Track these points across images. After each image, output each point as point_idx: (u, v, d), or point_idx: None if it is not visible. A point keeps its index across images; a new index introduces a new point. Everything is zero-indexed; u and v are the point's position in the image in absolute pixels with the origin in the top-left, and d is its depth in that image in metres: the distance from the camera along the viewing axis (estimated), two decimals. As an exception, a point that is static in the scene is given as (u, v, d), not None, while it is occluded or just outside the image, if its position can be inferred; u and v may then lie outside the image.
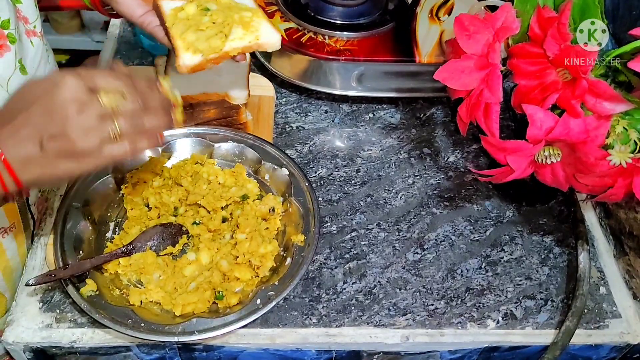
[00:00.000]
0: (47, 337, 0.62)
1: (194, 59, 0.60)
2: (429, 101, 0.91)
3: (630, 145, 0.56)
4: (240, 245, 0.65)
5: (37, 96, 0.47)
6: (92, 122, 0.47)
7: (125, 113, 0.49)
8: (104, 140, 0.48)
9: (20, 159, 0.47)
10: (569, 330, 0.65)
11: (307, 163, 0.82)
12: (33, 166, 0.47)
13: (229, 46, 0.61)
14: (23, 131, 0.46)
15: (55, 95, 0.46)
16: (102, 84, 0.48)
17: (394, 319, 0.66)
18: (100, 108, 0.47)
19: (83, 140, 0.47)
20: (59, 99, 0.46)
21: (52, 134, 0.46)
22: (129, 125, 0.49)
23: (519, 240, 0.75)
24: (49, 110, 0.46)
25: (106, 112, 0.48)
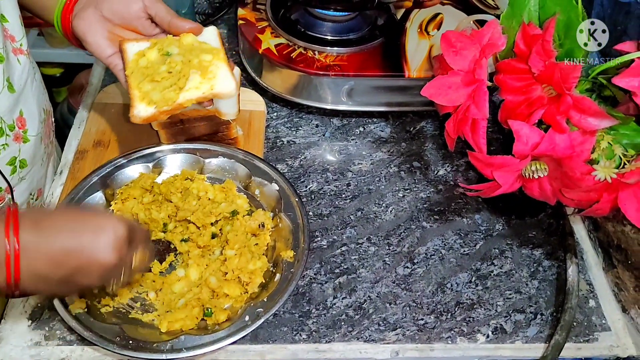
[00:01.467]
0: (36, 355, 0.62)
1: (148, 110, 0.61)
2: (419, 115, 0.91)
3: (615, 161, 0.56)
4: (230, 262, 0.65)
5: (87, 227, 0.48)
6: (117, 273, 0.52)
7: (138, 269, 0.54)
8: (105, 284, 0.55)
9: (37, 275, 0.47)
10: (558, 344, 0.65)
11: (298, 177, 0.82)
12: (42, 283, 0.49)
13: (183, 98, 0.61)
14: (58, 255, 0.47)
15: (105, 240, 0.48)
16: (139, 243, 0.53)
17: (384, 334, 0.67)
18: (129, 265, 0.53)
19: (99, 281, 0.51)
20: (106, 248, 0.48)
21: (81, 271, 0.48)
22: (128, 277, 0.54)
23: (509, 254, 0.75)
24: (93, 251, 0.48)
25: (127, 270, 0.53)
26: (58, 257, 0.47)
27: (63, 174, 0.79)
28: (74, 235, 0.48)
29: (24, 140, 0.66)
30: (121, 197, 0.72)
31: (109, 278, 0.52)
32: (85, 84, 0.94)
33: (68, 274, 0.48)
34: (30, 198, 0.71)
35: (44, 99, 0.72)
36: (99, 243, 0.48)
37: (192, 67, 0.62)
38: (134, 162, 0.75)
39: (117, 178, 0.74)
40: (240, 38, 0.90)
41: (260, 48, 0.85)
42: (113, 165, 0.74)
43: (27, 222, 0.47)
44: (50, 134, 0.78)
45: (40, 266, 0.47)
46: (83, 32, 0.63)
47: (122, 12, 0.63)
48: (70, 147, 0.82)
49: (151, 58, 0.63)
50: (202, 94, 0.62)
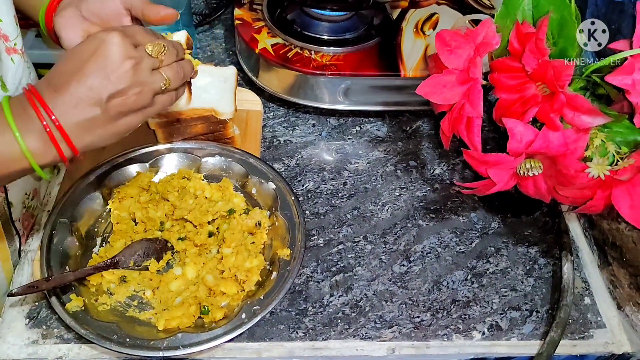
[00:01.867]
0: (34, 353, 0.62)
1: None
2: (415, 114, 0.92)
3: (609, 158, 0.56)
4: (226, 260, 0.66)
5: (87, 56, 0.49)
6: (147, 76, 0.51)
7: (167, 63, 0.53)
8: (157, 92, 0.52)
9: (82, 123, 0.49)
10: (554, 341, 0.66)
11: (295, 176, 0.82)
12: (95, 128, 0.50)
13: None
14: (80, 94, 0.48)
15: (107, 54, 0.49)
16: (140, 38, 0.52)
17: (380, 332, 0.67)
18: (151, 61, 0.51)
19: (142, 95, 0.50)
20: (112, 57, 0.49)
21: (111, 94, 0.48)
22: (174, 75, 0.53)
23: (505, 252, 0.75)
24: (104, 69, 0.48)
25: (155, 64, 0.52)
26: (85, 97, 0.48)
27: (60, 174, 0.79)
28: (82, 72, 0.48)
29: None
30: (118, 196, 0.73)
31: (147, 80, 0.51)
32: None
33: (108, 105, 0.49)
34: (25, 197, 0.71)
35: (40, 99, 0.73)
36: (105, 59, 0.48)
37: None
38: (131, 161, 0.75)
39: (114, 177, 0.74)
40: (237, 38, 0.90)
41: (256, 48, 0.85)
42: (110, 165, 0.74)
43: (46, 89, 0.49)
44: None
45: (78, 114, 0.48)
46: (60, 29, 0.63)
47: (99, 11, 0.63)
48: (68, 146, 0.82)
49: None
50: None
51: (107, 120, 0.50)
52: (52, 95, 0.49)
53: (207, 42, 1.02)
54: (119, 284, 0.66)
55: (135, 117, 0.52)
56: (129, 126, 0.52)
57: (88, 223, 0.72)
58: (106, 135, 0.51)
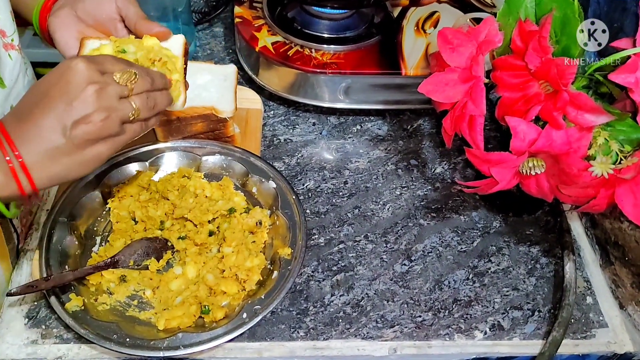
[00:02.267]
0: (33, 353, 0.62)
1: None
2: (416, 113, 0.91)
3: (612, 157, 0.56)
4: (227, 259, 0.65)
5: (52, 84, 0.48)
6: (113, 102, 0.48)
7: (139, 91, 0.51)
8: (124, 120, 0.49)
9: (47, 153, 0.47)
10: (556, 341, 0.65)
11: (295, 175, 0.82)
12: (61, 158, 0.47)
13: None
14: (44, 123, 0.46)
15: (70, 79, 0.47)
16: (109, 67, 0.50)
17: (382, 331, 0.66)
18: (118, 87, 0.49)
19: (108, 122, 0.48)
20: (75, 82, 0.47)
21: (75, 120, 0.47)
22: (144, 104, 0.51)
23: (506, 251, 0.75)
24: (67, 95, 0.47)
25: (123, 92, 0.49)
26: (47, 124, 0.46)
27: (59, 173, 0.78)
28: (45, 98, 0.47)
29: None
30: (118, 195, 0.72)
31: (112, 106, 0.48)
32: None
33: (72, 132, 0.47)
34: (21, 198, 0.71)
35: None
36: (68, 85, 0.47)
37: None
38: (131, 159, 0.75)
39: (114, 176, 0.74)
40: (237, 36, 0.90)
41: (256, 46, 0.85)
42: (109, 164, 0.74)
43: (11, 120, 0.47)
44: None
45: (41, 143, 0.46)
46: (54, 30, 0.63)
47: (94, 13, 0.62)
48: (67, 145, 0.81)
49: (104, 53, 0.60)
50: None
51: (72, 149, 0.47)
52: (17, 126, 0.47)
53: (207, 41, 1.02)
54: (118, 283, 0.65)
55: (104, 146, 0.49)
56: (98, 156, 0.49)
57: (87, 222, 0.71)
58: (73, 166, 0.48)
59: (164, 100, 0.55)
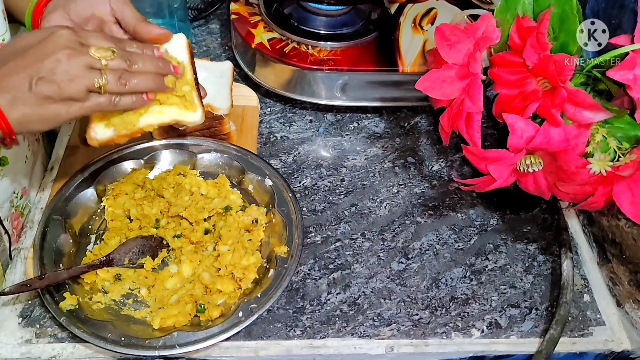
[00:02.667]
0: (27, 353, 0.61)
1: (106, 132, 0.58)
2: (413, 110, 0.91)
3: (610, 154, 0.56)
4: (223, 257, 0.65)
5: (30, 44, 0.51)
6: (80, 70, 0.51)
7: (112, 68, 0.53)
8: (89, 88, 0.52)
9: (9, 99, 0.50)
10: (553, 339, 0.65)
11: (292, 173, 0.81)
12: (21, 105, 0.50)
13: (144, 122, 0.58)
14: (14, 74, 0.50)
15: (48, 42, 0.51)
16: (93, 41, 0.53)
17: (379, 330, 0.66)
18: (89, 59, 0.52)
19: (69, 85, 0.50)
20: (51, 45, 0.51)
21: (40, 76, 0.50)
22: (114, 79, 0.53)
23: (503, 249, 0.75)
24: (40, 55, 0.50)
25: (94, 63, 0.52)
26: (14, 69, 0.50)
27: (54, 170, 0.78)
28: (22, 52, 0.51)
29: None
30: (113, 193, 0.72)
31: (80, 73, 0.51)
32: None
33: (36, 85, 0.50)
34: (14, 196, 0.70)
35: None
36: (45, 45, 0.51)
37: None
38: (126, 157, 0.74)
39: (109, 174, 0.73)
40: (233, 33, 0.89)
41: (253, 43, 0.84)
42: (104, 161, 0.73)
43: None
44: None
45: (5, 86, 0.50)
46: None
47: (88, 15, 0.61)
48: (61, 142, 0.81)
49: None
50: (165, 119, 0.59)
51: (34, 101, 0.50)
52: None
53: (203, 37, 1.01)
54: (113, 282, 0.65)
55: (64, 107, 0.52)
56: (56, 115, 0.52)
57: (82, 220, 0.71)
58: (34, 117, 0.51)
59: (145, 82, 0.56)
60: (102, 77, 0.52)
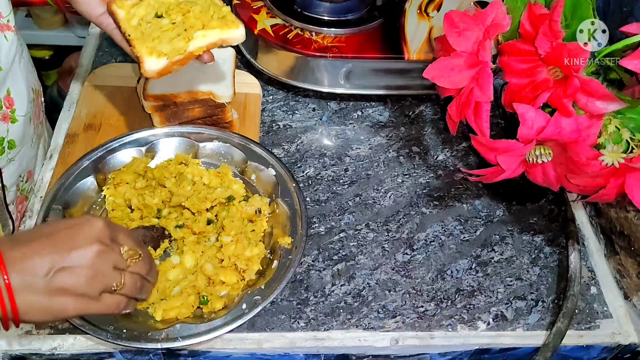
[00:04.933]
0: (27, 345, 0.61)
1: (159, 63, 0.57)
2: (418, 99, 0.89)
3: (623, 145, 0.55)
4: (226, 248, 0.64)
5: (64, 226, 0.48)
6: (107, 268, 0.48)
7: (134, 271, 0.51)
8: (106, 289, 0.48)
9: (22, 283, 0.44)
10: (560, 332, 0.64)
11: (295, 162, 0.80)
12: (29, 293, 0.45)
13: (193, 46, 0.58)
14: (36, 256, 0.45)
15: (81, 232, 0.47)
16: (123, 240, 0.50)
17: (383, 322, 0.65)
18: (119, 259, 0.49)
19: (90, 282, 0.47)
20: (84, 235, 0.47)
21: (63, 266, 0.45)
22: (133, 282, 0.50)
23: (510, 240, 0.74)
24: (70, 243, 0.46)
25: (120, 264, 0.49)
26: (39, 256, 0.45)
27: (53, 158, 0.76)
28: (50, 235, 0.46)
29: (12, 120, 0.64)
30: (113, 182, 0.70)
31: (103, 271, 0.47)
32: (75, 66, 0.92)
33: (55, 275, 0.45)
34: (20, 180, 0.69)
35: (32, 78, 0.70)
36: (77, 234, 0.47)
37: (194, 19, 0.59)
38: (127, 145, 0.73)
39: (109, 162, 0.72)
40: (235, 19, 0.88)
41: (255, 29, 0.82)
42: (105, 149, 0.72)
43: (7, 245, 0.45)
44: (40, 115, 0.76)
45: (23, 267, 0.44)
46: None
47: None
48: (61, 130, 0.79)
49: (141, 14, 0.59)
50: (212, 39, 0.59)
51: (45, 289, 0.45)
52: (11, 247, 0.45)
53: (204, 23, 0.99)
54: None
55: (73, 303, 0.46)
56: (62, 309, 0.47)
57: (82, 209, 0.69)
58: (37, 306, 0.45)
59: (147, 291, 0.54)
60: (121, 279, 0.49)
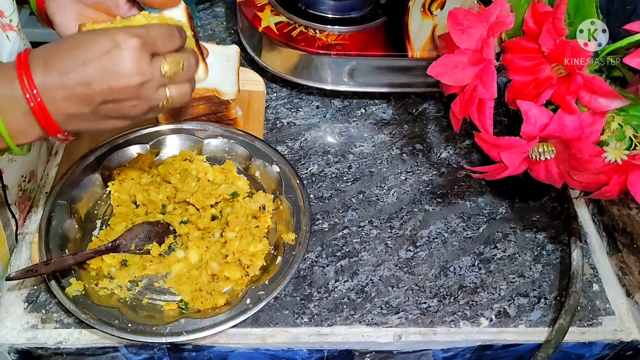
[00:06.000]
0: (33, 338, 0.61)
1: None
2: (421, 96, 0.90)
3: (626, 142, 0.55)
4: (230, 244, 0.64)
5: (96, 53, 0.45)
6: (151, 93, 0.48)
7: (180, 81, 0.50)
8: (153, 107, 0.49)
9: (68, 114, 0.46)
10: (562, 328, 0.65)
11: (299, 159, 0.80)
12: (79, 122, 0.47)
13: None
14: (77, 90, 0.45)
15: (118, 61, 0.45)
16: (163, 47, 0.48)
17: (386, 318, 0.66)
18: (162, 80, 0.48)
19: (137, 108, 0.48)
20: (122, 67, 0.45)
21: (107, 99, 0.46)
22: (179, 94, 0.50)
23: (512, 237, 0.74)
24: (109, 75, 0.45)
25: (164, 82, 0.48)
26: (79, 93, 0.45)
27: (58, 155, 0.77)
28: (85, 67, 0.45)
29: None
30: (119, 178, 0.71)
31: (148, 96, 0.47)
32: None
33: (99, 107, 0.46)
34: (22, 180, 0.69)
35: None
36: (113, 66, 0.45)
37: None
38: (132, 142, 0.74)
39: (114, 158, 0.72)
40: (240, 16, 0.88)
41: (259, 26, 0.83)
42: (110, 146, 0.73)
43: (38, 64, 0.45)
44: None
45: (67, 106, 0.45)
46: (53, 12, 0.60)
47: None
48: (66, 127, 0.80)
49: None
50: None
51: (94, 118, 0.47)
52: (45, 78, 0.45)
53: (208, 21, 1.00)
54: (119, 268, 0.64)
55: (124, 123, 0.49)
56: (114, 127, 0.50)
57: (87, 205, 0.70)
58: (89, 129, 0.48)
59: (189, 88, 0.53)
60: (167, 96, 0.49)
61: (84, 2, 0.60)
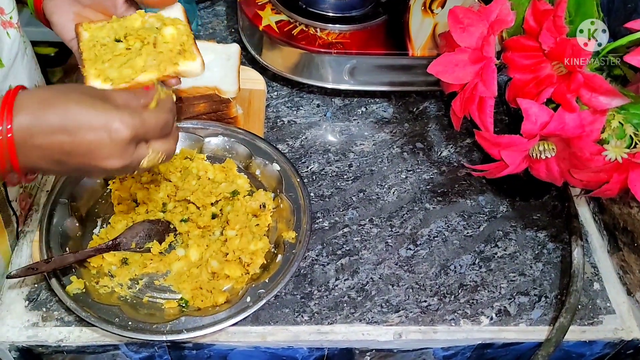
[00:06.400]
0: (33, 336, 0.61)
1: (103, 87, 0.54)
2: (422, 95, 0.90)
3: (626, 140, 0.55)
4: (230, 242, 0.64)
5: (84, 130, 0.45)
6: (124, 171, 0.49)
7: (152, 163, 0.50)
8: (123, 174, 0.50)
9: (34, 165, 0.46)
10: (563, 327, 0.64)
11: (299, 158, 0.80)
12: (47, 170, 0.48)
13: (143, 76, 0.54)
14: (55, 155, 0.46)
15: (102, 147, 0.46)
16: (152, 137, 0.49)
17: (387, 316, 0.66)
18: (137, 165, 0.49)
19: (105, 175, 0.50)
20: (105, 153, 0.46)
21: (80, 169, 0.47)
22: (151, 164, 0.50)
23: (513, 236, 0.74)
24: (90, 154, 0.46)
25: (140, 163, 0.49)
26: (56, 158, 0.46)
27: (59, 153, 0.77)
28: (71, 138, 0.45)
29: None
30: (119, 177, 0.71)
31: (121, 172, 0.49)
32: (81, 62, 0.92)
33: (70, 169, 0.47)
34: (23, 178, 0.70)
35: (36, 75, 0.70)
36: (98, 149, 0.46)
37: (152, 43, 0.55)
38: (132, 140, 0.73)
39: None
40: (240, 15, 0.88)
41: (260, 25, 0.83)
42: (110, 144, 0.72)
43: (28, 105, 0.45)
44: None
45: (37, 160, 0.46)
46: (51, 12, 0.60)
47: None
48: (67, 125, 0.80)
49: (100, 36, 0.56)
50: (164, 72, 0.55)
51: (61, 170, 0.49)
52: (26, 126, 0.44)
53: (209, 19, 1.00)
54: (120, 266, 0.64)
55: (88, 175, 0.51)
56: (79, 175, 0.52)
57: (88, 203, 0.70)
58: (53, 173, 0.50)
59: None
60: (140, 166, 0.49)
61: (82, 2, 0.60)
